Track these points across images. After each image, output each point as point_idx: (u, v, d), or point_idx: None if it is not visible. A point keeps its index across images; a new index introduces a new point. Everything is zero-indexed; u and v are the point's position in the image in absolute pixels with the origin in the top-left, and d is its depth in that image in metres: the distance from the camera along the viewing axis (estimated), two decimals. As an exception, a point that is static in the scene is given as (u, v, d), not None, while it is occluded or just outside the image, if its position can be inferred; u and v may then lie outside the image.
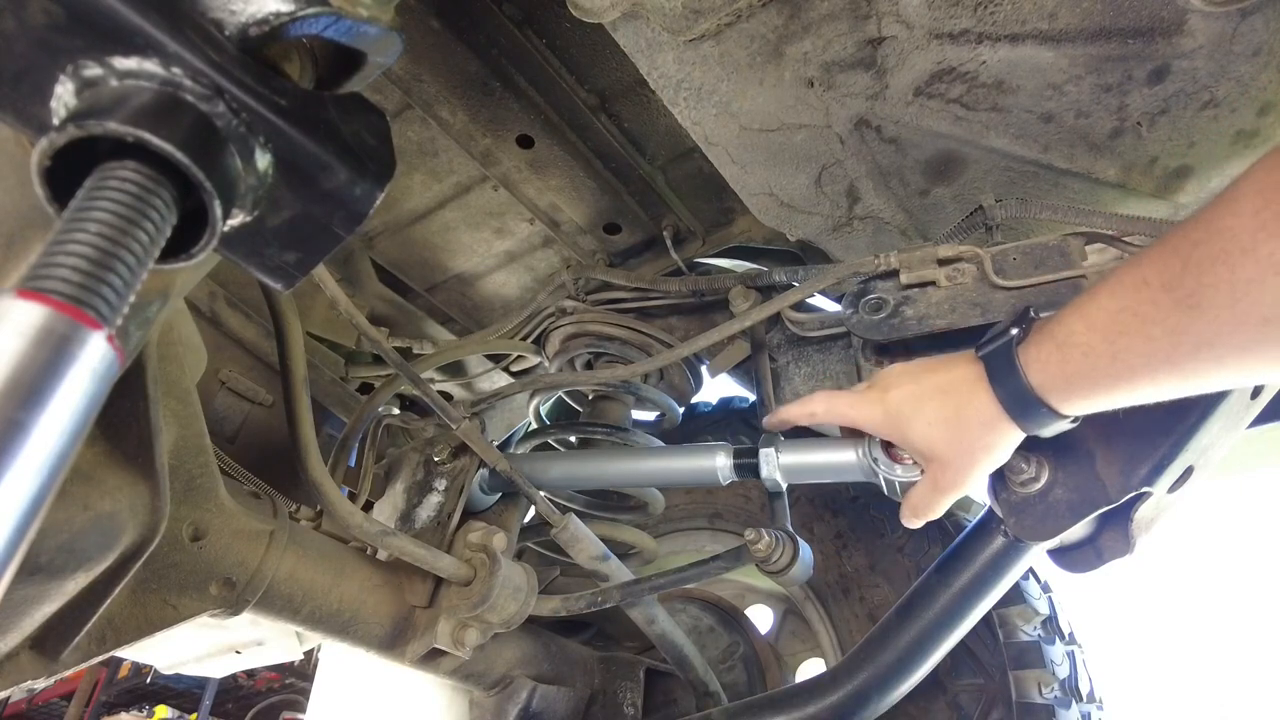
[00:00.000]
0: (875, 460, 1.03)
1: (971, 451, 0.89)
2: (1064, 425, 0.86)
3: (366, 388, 1.82)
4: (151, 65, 0.50)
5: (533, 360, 1.88)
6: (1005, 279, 1.04)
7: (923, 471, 0.97)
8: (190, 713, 5.95)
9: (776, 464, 1.15)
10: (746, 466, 1.17)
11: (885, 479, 1.03)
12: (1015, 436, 0.88)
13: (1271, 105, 1.06)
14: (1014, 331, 0.85)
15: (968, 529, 1.13)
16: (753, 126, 1.18)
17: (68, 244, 0.43)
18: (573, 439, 1.61)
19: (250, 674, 5.84)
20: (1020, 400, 0.84)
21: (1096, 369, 0.77)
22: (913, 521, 1.00)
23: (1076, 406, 0.82)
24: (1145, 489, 0.98)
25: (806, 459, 1.13)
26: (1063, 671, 1.38)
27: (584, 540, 1.29)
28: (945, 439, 0.90)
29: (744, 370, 1.43)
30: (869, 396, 0.98)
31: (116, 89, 0.50)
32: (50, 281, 0.41)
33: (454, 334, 1.89)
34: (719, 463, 1.19)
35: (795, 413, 1.06)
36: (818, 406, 1.03)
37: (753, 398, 1.71)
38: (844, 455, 1.08)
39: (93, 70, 0.50)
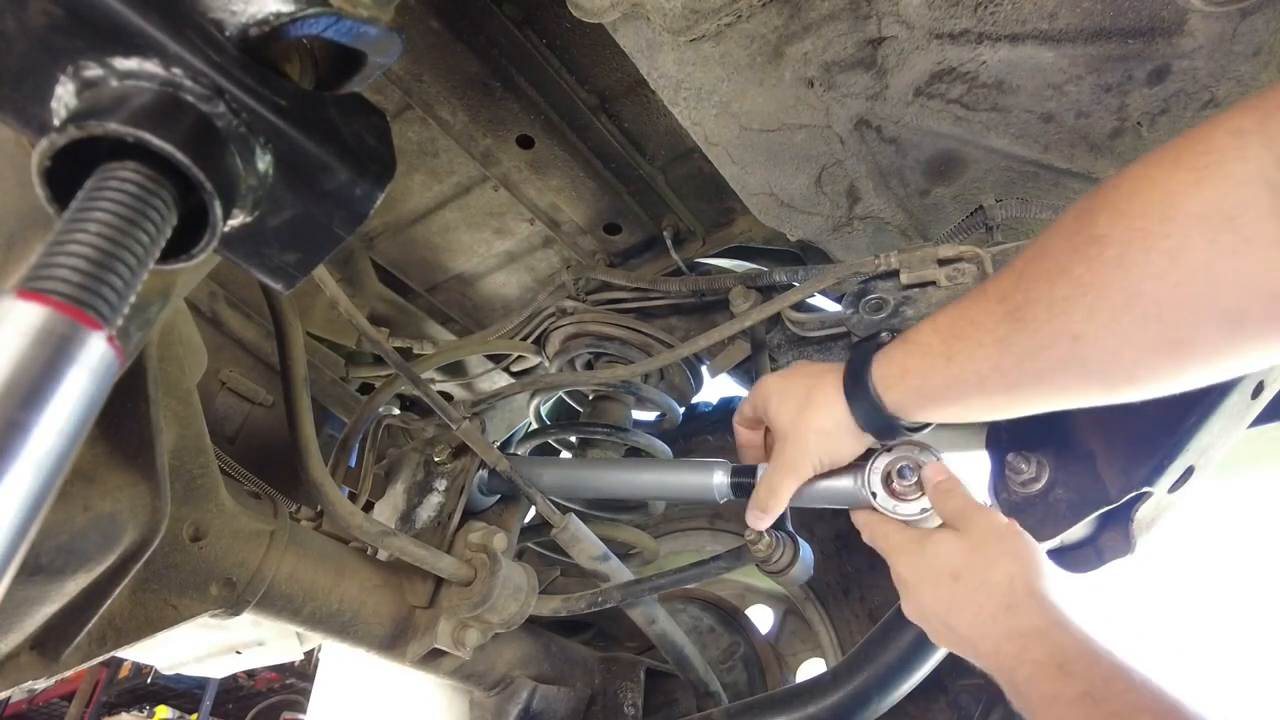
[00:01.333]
0: (874, 494, 0.96)
1: (805, 431, 0.92)
2: (900, 431, 0.88)
3: (367, 388, 1.82)
4: (152, 66, 0.50)
5: (533, 360, 1.88)
6: (1005, 279, 1.04)
7: (924, 510, 0.94)
8: (191, 713, 5.95)
9: None
10: (743, 486, 1.11)
11: (882, 509, 0.97)
12: (848, 426, 0.89)
13: (1272, 105, 1.06)
14: (886, 336, 0.89)
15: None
16: (753, 126, 1.18)
17: (68, 244, 0.43)
18: (573, 439, 1.61)
19: (251, 674, 5.84)
20: (858, 386, 0.87)
21: (933, 370, 0.80)
22: (759, 518, 1.00)
23: (908, 406, 0.84)
24: (1146, 489, 0.98)
25: (809, 485, 1.08)
26: (1063, 671, 1.37)
27: (584, 540, 1.29)
28: (789, 415, 0.93)
29: (744, 370, 1.43)
30: (761, 381, 1.01)
31: (117, 89, 0.50)
32: (50, 282, 0.41)
33: (454, 334, 1.89)
34: (716, 480, 1.14)
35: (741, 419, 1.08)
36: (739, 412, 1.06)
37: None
38: (841, 484, 1.02)
39: (93, 71, 0.50)
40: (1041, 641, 0.72)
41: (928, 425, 0.90)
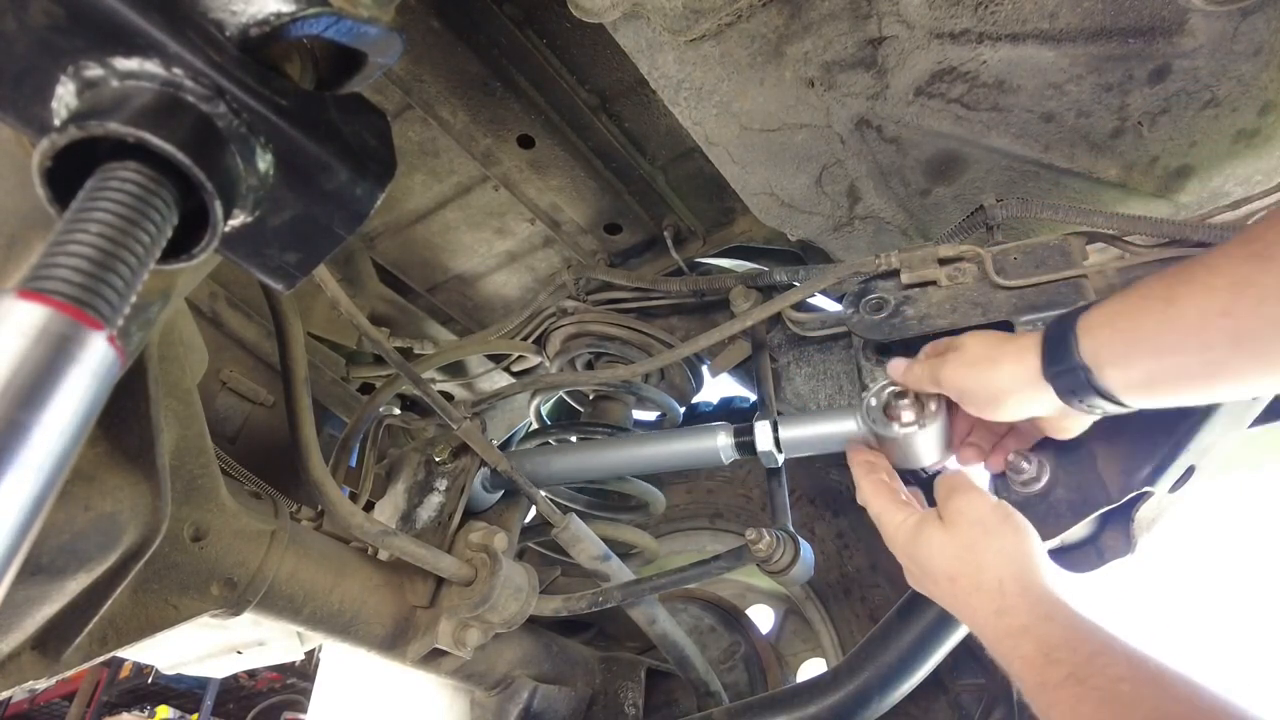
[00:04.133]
0: (874, 421, 1.01)
1: (989, 364, 0.87)
2: (1091, 395, 0.79)
3: (367, 388, 1.82)
4: (152, 66, 0.50)
5: (533, 360, 1.88)
6: (1006, 279, 1.04)
7: (921, 426, 0.97)
8: (192, 713, 5.95)
9: (773, 438, 1.13)
10: (747, 444, 1.16)
11: (881, 435, 1.01)
12: (1033, 376, 0.82)
13: (1272, 104, 1.06)
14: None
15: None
16: (753, 126, 1.18)
17: (69, 244, 0.43)
18: (574, 439, 1.61)
19: (251, 674, 5.84)
20: (1059, 328, 0.80)
21: (1147, 311, 0.73)
22: (900, 369, 0.98)
23: (1108, 354, 0.76)
24: (1147, 489, 0.98)
25: (806, 430, 1.12)
26: (1064, 671, 1.37)
27: (585, 540, 1.29)
28: (979, 353, 0.89)
29: (745, 370, 1.43)
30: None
31: (117, 89, 0.50)
32: (51, 282, 0.41)
33: (455, 334, 1.89)
34: (720, 442, 1.18)
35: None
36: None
37: (754, 398, 1.71)
38: (845, 424, 1.07)
39: (94, 71, 0.50)
40: (1028, 637, 0.74)
41: (1122, 406, 0.80)
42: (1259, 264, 0.65)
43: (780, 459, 1.16)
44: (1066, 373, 0.80)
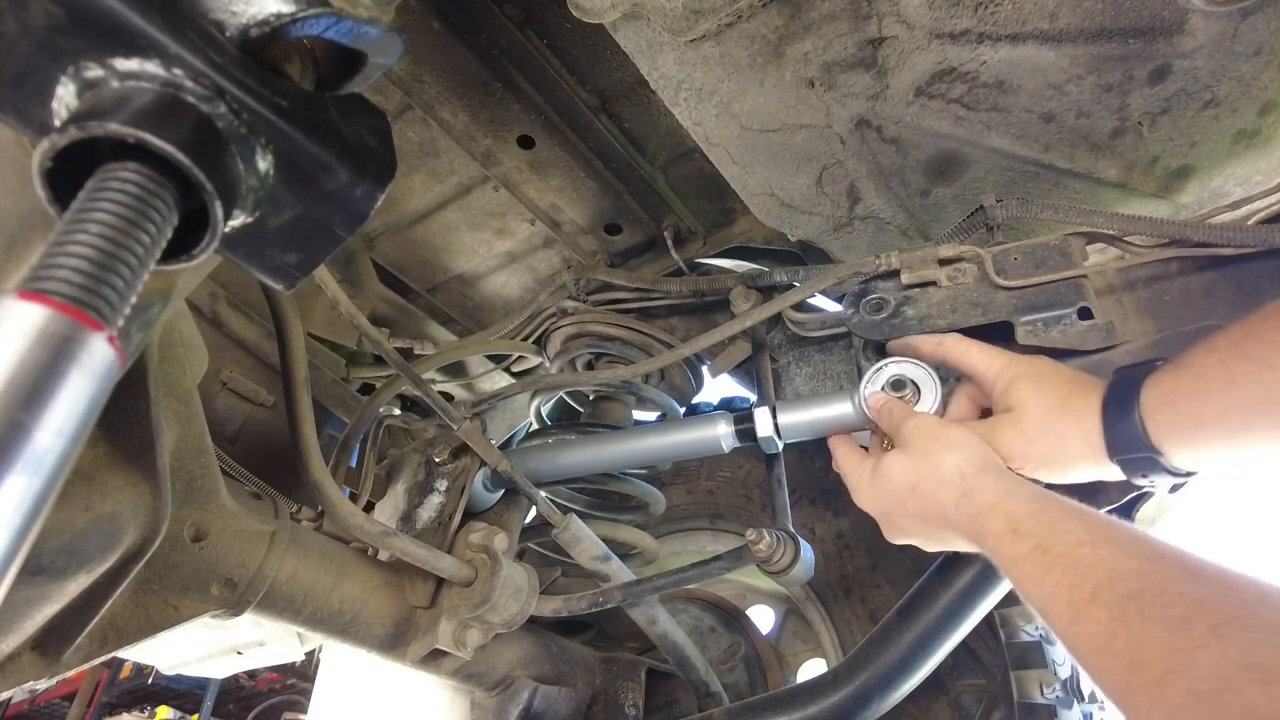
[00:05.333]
0: (869, 406, 1.04)
1: (1053, 425, 0.84)
2: (1158, 470, 0.78)
3: (367, 388, 1.82)
4: (153, 66, 0.50)
5: (534, 361, 1.88)
6: (1006, 279, 1.04)
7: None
8: (192, 713, 5.95)
9: (772, 423, 1.16)
10: (748, 430, 1.18)
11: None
12: (1094, 444, 0.81)
13: (1273, 104, 1.06)
14: (1160, 363, 0.80)
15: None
16: (753, 127, 1.18)
17: (69, 245, 0.43)
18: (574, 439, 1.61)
19: (252, 675, 5.84)
20: (1122, 405, 0.78)
21: (1209, 394, 0.72)
22: (923, 345, 1.01)
23: (1174, 436, 0.75)
24: (1147, 489, 0.98)
25: (803, 415, 1.15)
26: (1064, 671, 1.37)
27: (585, 541, 1.29)
28: (1042, 405, 0.85)
29: (745, 370, 1.43)
30: (1000, 351, 0.94)
31: (118, 90, 0.50)
32: (51, 283, 0.41)
33: (455, 335, 1.89)
34: (720, 430, 1.20)
35: (925, 345, 1.03)
36: (950, 346, 0.99)
37: (754, 398, 1.71)
38: (840, 407, 1.10)
39: (94, 71, 0.50)
40: (995, 513, 0.76)
41: (1190, 474, 0.79)
42: None
43: (780, 444, 1.18)
44: (1135, 460, 0.79)
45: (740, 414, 1.20)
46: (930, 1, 1.00)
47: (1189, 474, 0.79)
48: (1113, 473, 0.83)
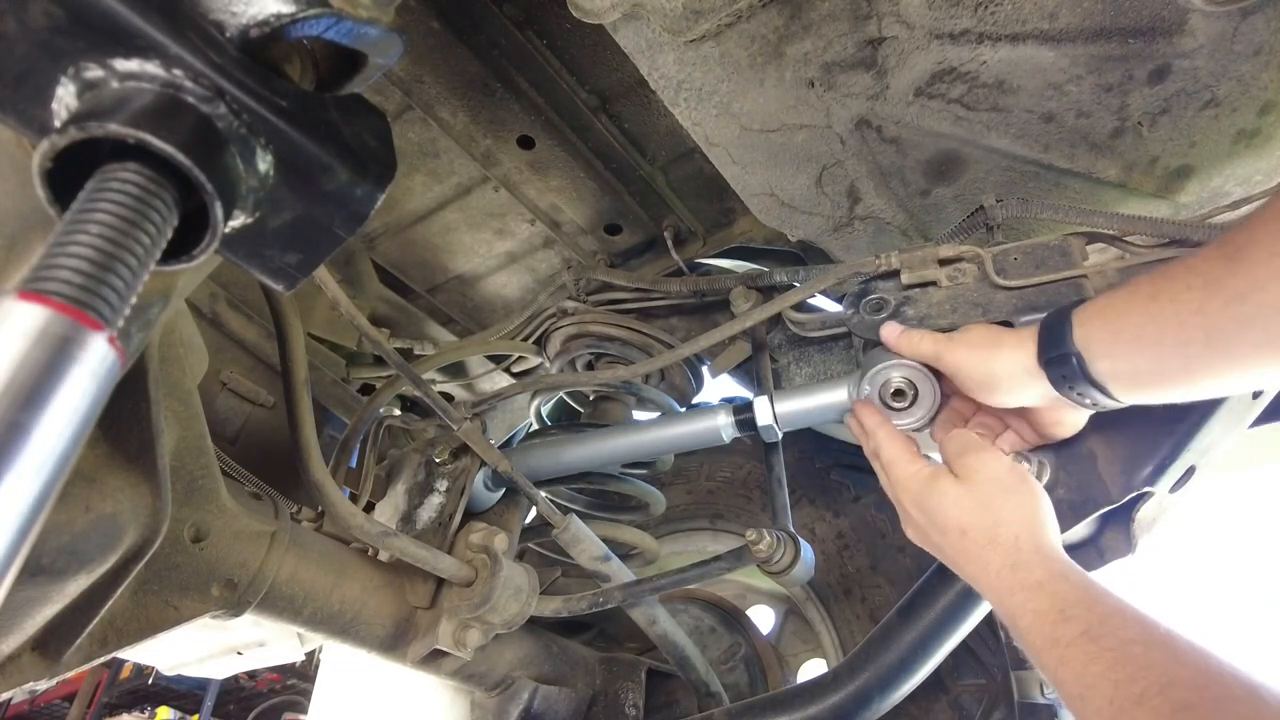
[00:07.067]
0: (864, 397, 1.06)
1: (992, 342, 0.92)
2: (1081, 381, 0.82)
3: (368, 389, 1.82)
4: (153, 67, 0.50)
5: (534, 361, 1.88)
6: (1006, 279, 1.04)
7: (914, 428, 1.01)
8: (192, 714, 5.95)
9: (771, 412, 1.18)
10: (747, 420, 1.21)
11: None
12: (1029, 362, 0.86)
13: (1272, 104, 1.06)
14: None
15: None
16: (753, 127, 1.18)
17: (69, 245, 0.43)
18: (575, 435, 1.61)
19: (252, 675, 5.84)
20: (1055, 317, 0.84)
21: (1132, 303, 0.77)
22: (894, 332, 1.03)
23: (1097, 343, 0.80)
24: (1147, 489, 0.98)
25: (801, 403, 1.17)
26: (1065, 672, 1.37)
27: (585, 541, 1.29)
28: (980, 338, 0.93)
29: (745, 370, 1.43)
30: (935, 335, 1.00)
31: (118, 91, 0.50)
32: (51, 283, 0.41)
33: (455, 335, 1.89)
34: (720, 421, 1.23)
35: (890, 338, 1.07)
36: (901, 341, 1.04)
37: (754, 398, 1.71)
38: (837, 395, 1.13)
39: (94, 72, 0.50)
40: (1043, 593, 0.75)
41: (1112, 399, 0.83)
42: (1230, 265, 0.69)
43: (779, 433, 1.20)
44: (1059, 360, 0.83)
45: (739, 405, 1.23)
46: (930, 1, 1.00)
47: (1110, 395, 0.82)
48: (1042, 388, 0.86)
